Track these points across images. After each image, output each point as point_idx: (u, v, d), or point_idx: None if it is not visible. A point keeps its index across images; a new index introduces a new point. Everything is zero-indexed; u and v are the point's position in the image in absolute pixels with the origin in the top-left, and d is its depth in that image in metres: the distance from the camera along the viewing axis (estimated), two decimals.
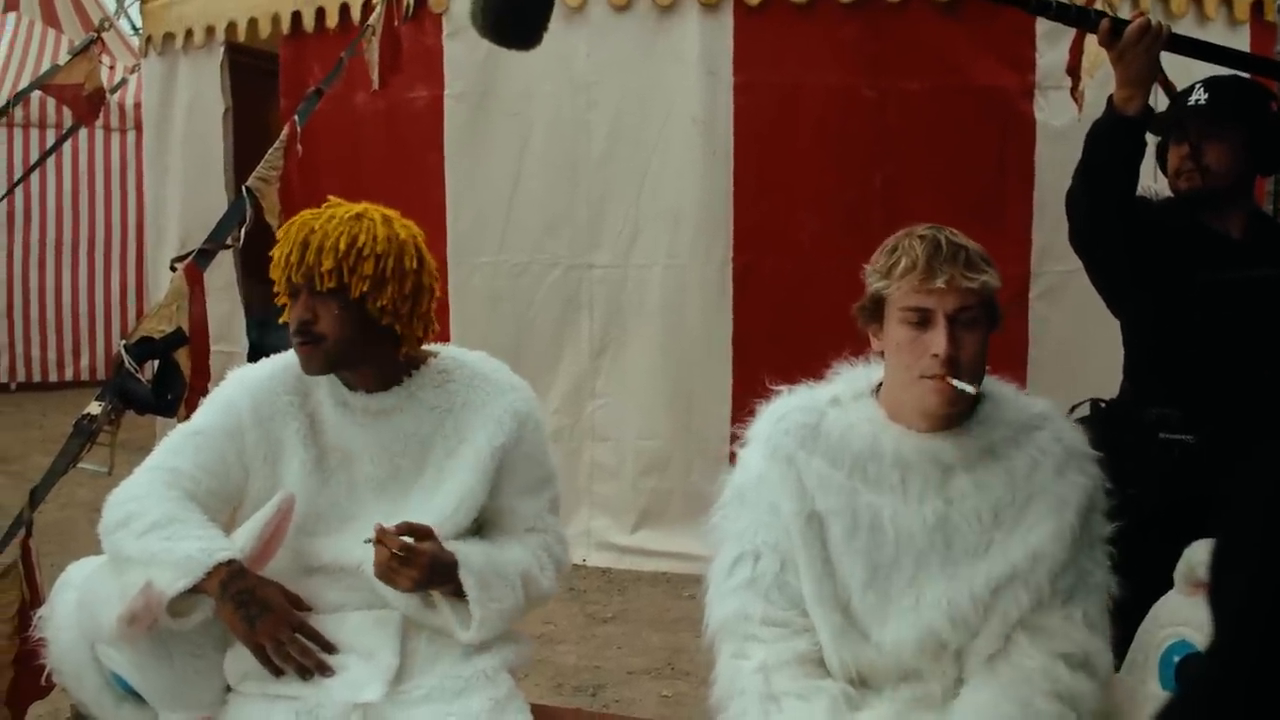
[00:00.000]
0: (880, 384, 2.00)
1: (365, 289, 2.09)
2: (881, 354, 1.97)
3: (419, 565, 2.04)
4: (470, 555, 2.11)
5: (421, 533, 2.06)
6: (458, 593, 2.11)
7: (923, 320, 1.87)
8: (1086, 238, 2.70)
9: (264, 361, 2.28)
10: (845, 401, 2.00)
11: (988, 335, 1.91)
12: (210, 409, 2.22)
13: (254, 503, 2.18)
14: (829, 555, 1.93)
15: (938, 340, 1.85)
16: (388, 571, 2.03)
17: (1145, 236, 2.63)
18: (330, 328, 2.11)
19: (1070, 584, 1.89)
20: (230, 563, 2.03)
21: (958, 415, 1.93)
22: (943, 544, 1.89)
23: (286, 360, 2.25)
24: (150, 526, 2.05)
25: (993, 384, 2.00)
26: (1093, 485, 1.94)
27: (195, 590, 2.01)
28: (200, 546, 2.03)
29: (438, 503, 2.17)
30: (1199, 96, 2.70)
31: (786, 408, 2.02)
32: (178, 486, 2.12)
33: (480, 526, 2.25)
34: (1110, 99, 2.51)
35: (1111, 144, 2.52)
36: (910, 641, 1.89)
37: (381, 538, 2.02)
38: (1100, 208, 2.60)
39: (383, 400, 2.20)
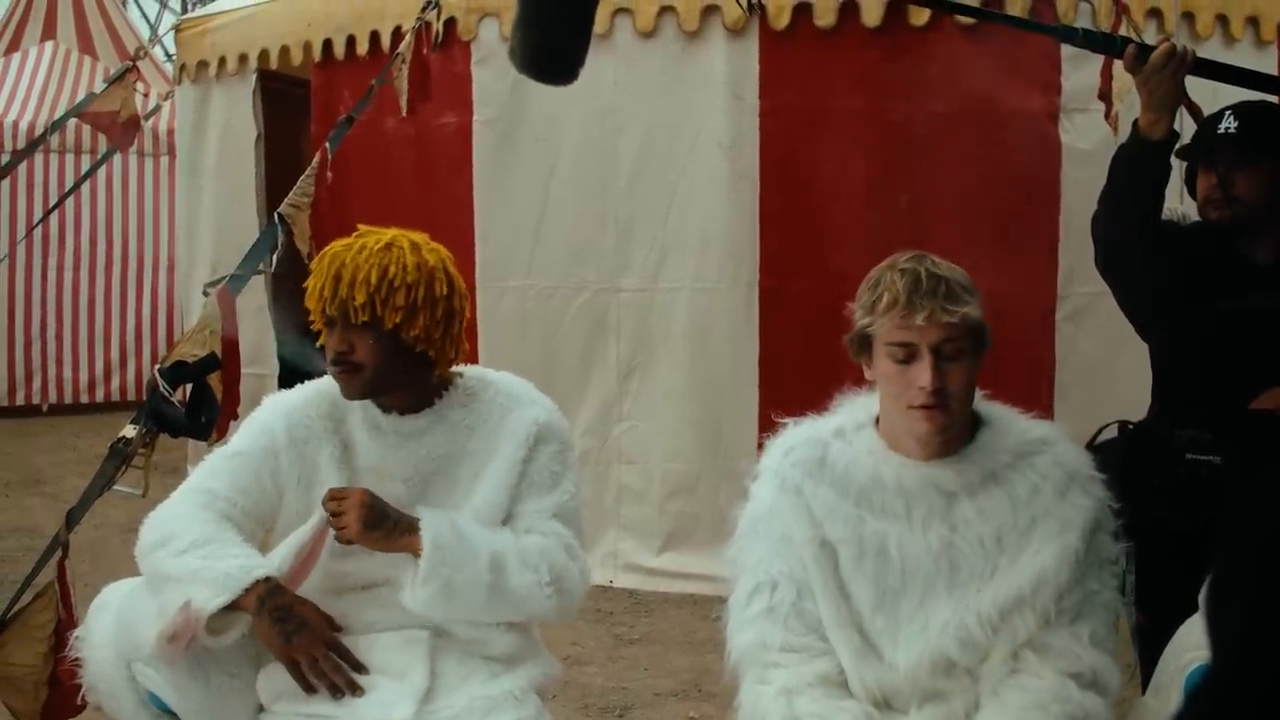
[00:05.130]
0: (879, 414, 2.03)
1: (398, 320, 2.13)
2: (875, 383, 2.01)
3: (351, 507, 2.09)
4: (435, 519, 2.12)
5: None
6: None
7: (908, 355, 1.90)
8: (1112, 262, 2.70)
9: (299, 387, 2.33)
10: (848, 433, 2.04)
11: (976, 362, 1.93)
12: (246, 432, 2.27)
13: (287, 524, 2.23)
14: (842, 580, 1.97)
15: (923, 374, 1.88)
16: (335, 527, 2.11)
17: (1171, 261, 2.63)
18: (366, 356, 2.16)
19: (1077, 603, 1.91)
20: (268, 579, 2.08)
21: (956, 442, 1.95)
22: (948, 569, 1.92)
23: (320, 386, 2.30)
24: (189, 546, 2.09)
25: (993, 409, 2.03)
26: (1097, 506, 1.95)
27: (233, 607, 2.05)
28: (239, 564, 2.07)
29: (460, 511, 2.20)
30: (1229, 124, 2.67)
31: (793, 440, 2.07)
32: (213, 508, 2.17)
33: None
34: (1135, 123, 2.51)
35: (1136, 168, 2.53)
36: (923, 664, 1.90)
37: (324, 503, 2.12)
38: (1125, 232, 2.60)
39: (414, 422, 2.24)
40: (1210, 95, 2.88)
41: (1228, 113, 2.69)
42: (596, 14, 2.43)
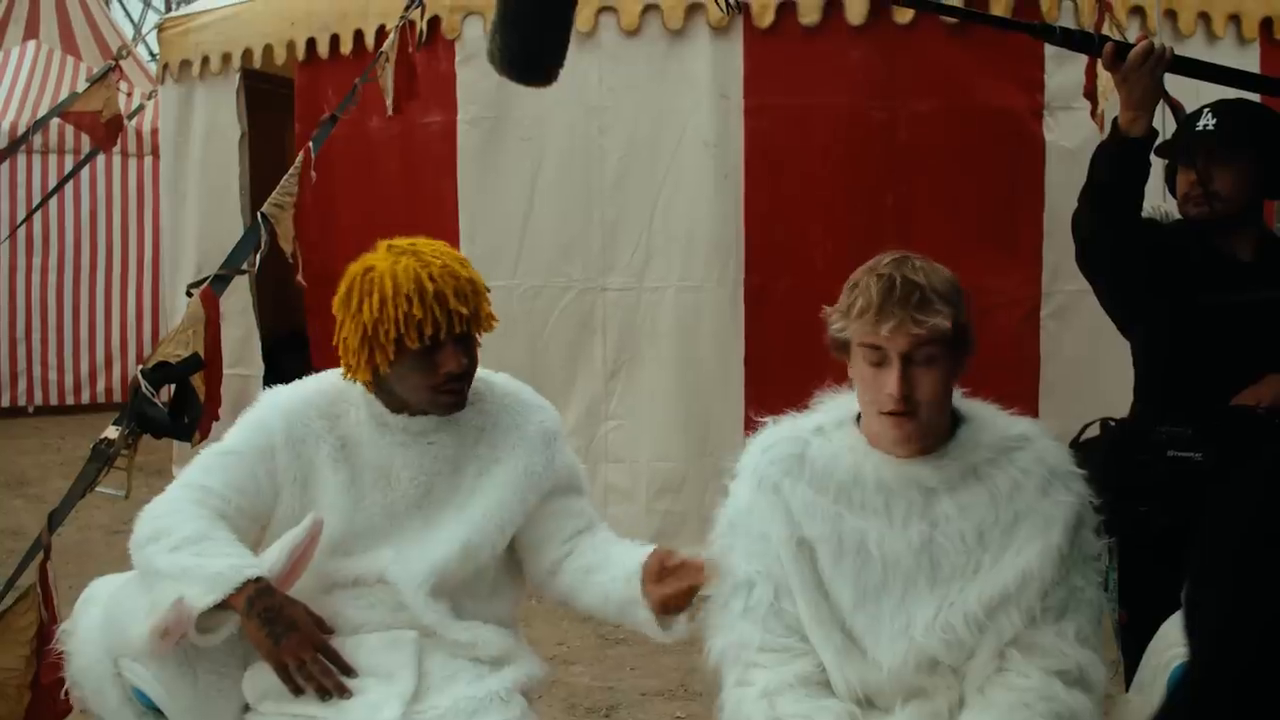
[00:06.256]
0: (860, 411, 2.03)
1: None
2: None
3: None
4: None
5: None
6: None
7: (879, 359, 1.90)
8: (1093, 260, 2.71)
9: (297, 383, 2.31)
10: (828, 430, 2.04)
11: (954, 366, 1.92)
12: (243, 429, 2.25)
13: (282, 522, 2.21)
14: (821, 579, 1.96)
15: (890, 381, 1.88)
16: None
17: (1152, 259, 2.64)
18: (474, 362, 2.21)
19: (1062, 601, 1.91)
20: (258, 580, 2.06)
21: (936, 439, 1.96)
22: (929, 566, 1.92)
23: (319, 383, 2.29)
24: (181, 542, 2.08)
25: (972, 405, 2.03)
26: (1079, 503, 1.95)
27: (222, 606, 2.04)
28: (230, 563, 2.06)
29: (467, 518, 2.22)
30: (1207, 122, 2.69)
31: (773, 438, 2.06)
32: (207, 505, 2.15)
33: (520, 546, 2.31)
34: (1115, 121, 2.52)
35: (1117, 166, 2.54)
36: (907, 663, 1.90)
37: None
38: (1106, 229, 2.61)
39: (422, 422, 2.23)
40: (1193, 94, 2.90)
41: (1206, 110, 2.72)
42: (581, 13, 2.43)
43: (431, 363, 2.13)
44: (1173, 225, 2.78)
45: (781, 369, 4.60)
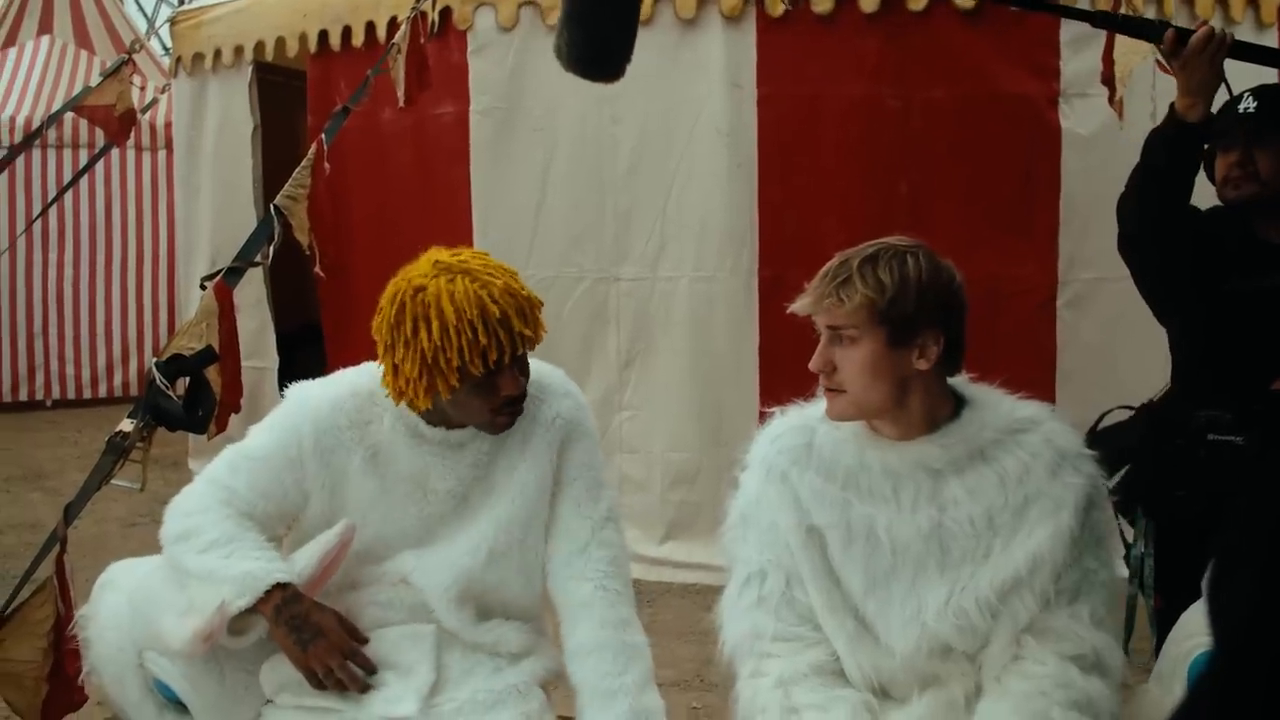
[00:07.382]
0: None
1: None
2: None
3: None
4: None
5: None
6: None
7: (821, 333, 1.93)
8: (1140, 243, 2.69)
9: (327, 384, 2.24)
10: None
11: (891, 351, 1.88)
12: (272, 432, 2.20)
13: (312, 523, 2.19)
14: (831, 566, 1.95)
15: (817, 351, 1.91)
16: None
17: (1196, 243, 2.64)
18: (529, 379, 2.15)
19: (1075, 583, 1.89)
20: (286, 586, 2.05)
21: (934, 420, 1.94)
22: (939, 550, 1.90)
23: (352, 386, 2.23)
24: (209, 545, 2.08)
25: (976, 389, 2.01)
26: (1089, 484, 1.93)
27: (252, 611, 2.03)
28: (260, 566, 2.05)
29: (494, 518, 2.18)
30: (1248, 104, 2.69)
31: (780, 428, 2.06)
32: (233, 505, 2.14)
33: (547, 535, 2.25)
34: (1172, 106, 2.52)
35: (1173, 151, 2.54)
36: (920, 650, 1.89)
37: None
38: (1156, 214, 2.61)
39: (461, 434, 2.18)
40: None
41: (1247, 94, 2.71)
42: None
43: (492, 386, 2.06)
44: (1210, 212, 2.77)
45: (795, 359, 4.54)
